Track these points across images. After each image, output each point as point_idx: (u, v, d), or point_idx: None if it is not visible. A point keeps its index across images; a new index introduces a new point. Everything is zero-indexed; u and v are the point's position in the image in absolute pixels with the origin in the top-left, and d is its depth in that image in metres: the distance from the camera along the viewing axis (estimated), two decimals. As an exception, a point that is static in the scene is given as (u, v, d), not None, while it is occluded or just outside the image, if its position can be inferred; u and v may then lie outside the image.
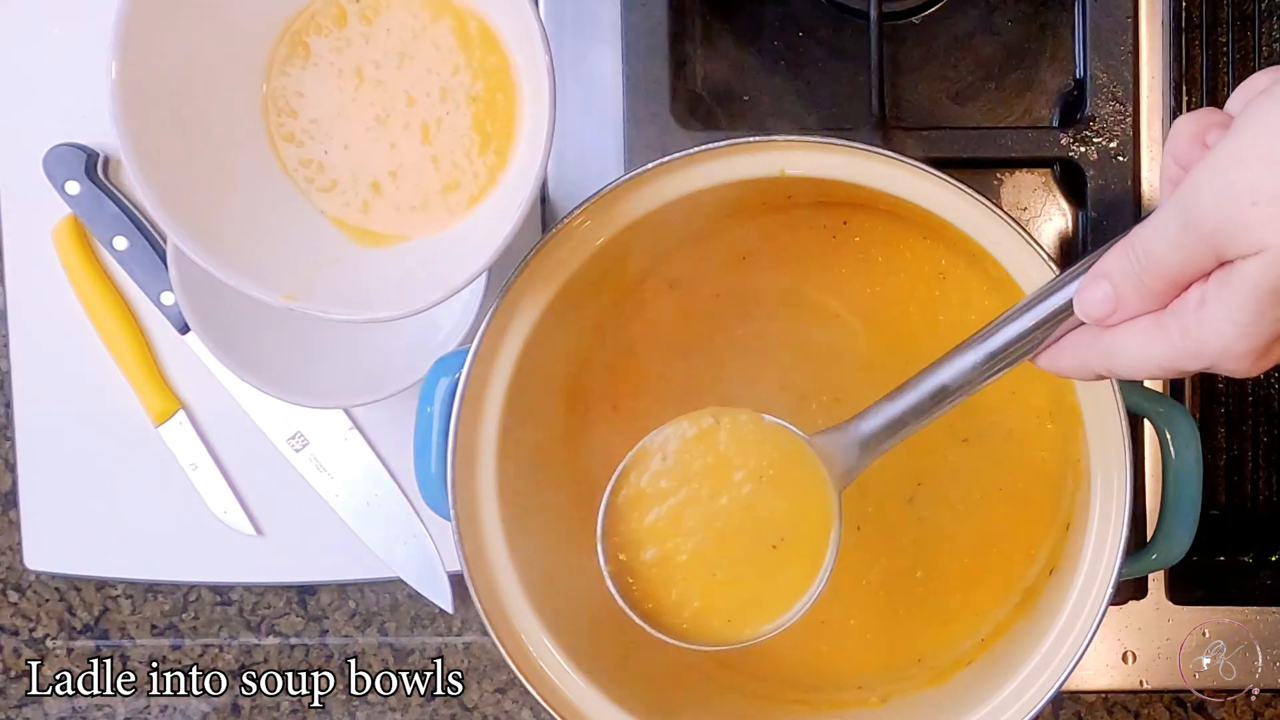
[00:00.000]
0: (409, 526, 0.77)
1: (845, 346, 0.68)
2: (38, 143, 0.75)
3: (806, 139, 0.58)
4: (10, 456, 0.79)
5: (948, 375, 0.53)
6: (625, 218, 0.60)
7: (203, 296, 0.70)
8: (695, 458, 0.57)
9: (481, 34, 0.61)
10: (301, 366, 0.72)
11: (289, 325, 0.70)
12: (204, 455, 0.77)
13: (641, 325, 0.68)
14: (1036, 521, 0.66)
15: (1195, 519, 0.60)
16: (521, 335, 0.61)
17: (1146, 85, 0.70)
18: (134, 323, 0.77)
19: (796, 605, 0.56)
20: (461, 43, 0.61)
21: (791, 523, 0.57)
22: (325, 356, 0.73)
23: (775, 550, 0.57)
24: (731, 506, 0.57)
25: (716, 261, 0.68)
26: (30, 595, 0.81)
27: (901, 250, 0.67)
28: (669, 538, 0.57)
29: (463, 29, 0.61)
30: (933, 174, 0.57)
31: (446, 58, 0.61)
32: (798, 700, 0.66)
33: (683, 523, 0.57)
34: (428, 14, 0.61)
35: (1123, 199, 0.69)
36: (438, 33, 0.61)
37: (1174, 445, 0.59)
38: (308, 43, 0.61)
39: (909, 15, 0.73)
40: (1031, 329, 0.51)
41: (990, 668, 0.63)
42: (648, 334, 0.68)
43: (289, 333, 0.72)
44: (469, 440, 0.61)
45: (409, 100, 0.62)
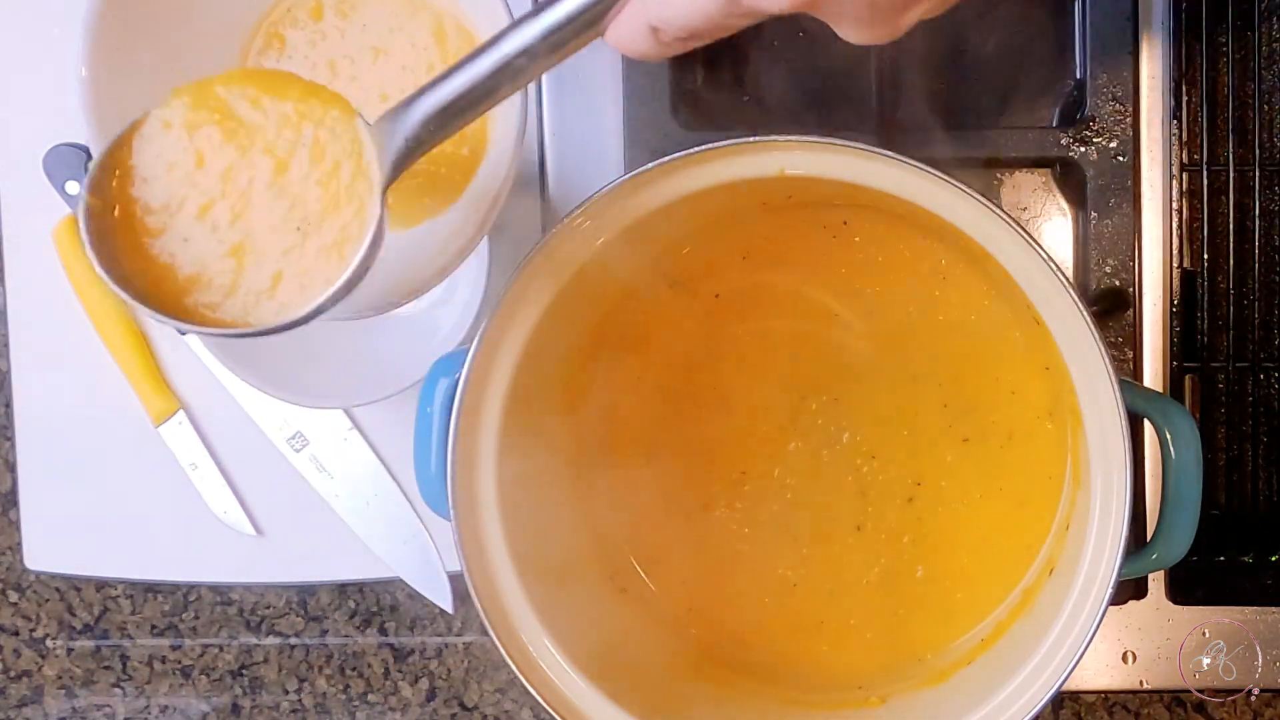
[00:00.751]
0: (409, 526, 0.77)
1: (846, 346, 0.68)
2: (38, 143, 0.75)
3: (806, 139, 0.58)
4: (10, 456, 0.79)
5: (509, 46, 0.48)
6: (625, 218, 0.60)
7: None
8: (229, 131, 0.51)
9: (459, 33, 0.61)
10: (301, 366, 0.72)
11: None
12: (204, 455, 0.77)
13: (641, 325, 0.68)
14: (1036, 521, 0.66)
15: (1195, 519, 0.60)
16: (521, 335, 0.61)
17: (1146, 85, 0.70)
18: (134, 323, 0.77)
19: (310, 301, 0.50)
20: (438, 40, 0.61)
21: (323, 210, 0.51)
22: (325, 356, 0.72)
23: (299, 232, 0.51)
24: (258, 176, 0.51)
25: (717, 261, 0.68)
26: (30, 595, 0.81)
27: (901, 250, 0.67)
28: (183, 187, 0.51)
29: (439, 27, 0.61)
30: (933, 174, 0.57)
31: (421, 56, 0.61)
32: (797, 700, 0.66)
33: (202, 178, 0.51)
34: (405, 11, 0.61)
35: (1123, 199, 0.69)
36: (414, 29, 0.61)
37: (1174, 445, 0.59)
38: (283, 35, 0.61)
39: (909, 15, 0.73)
40: None
41: (990, 668, 0.63)
42: (648, 334, 0.68)
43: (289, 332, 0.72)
44: (469, 440, 0.61)
45: (382, 97, 0.61)
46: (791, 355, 0.68)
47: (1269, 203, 0.72)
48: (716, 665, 0.68)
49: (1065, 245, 0.72)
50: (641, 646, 0.67)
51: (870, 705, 0.65)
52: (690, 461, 0.69)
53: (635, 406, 0.69)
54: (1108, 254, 0.69)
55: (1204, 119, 0.71)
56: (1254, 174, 0.71)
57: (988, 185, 0.72)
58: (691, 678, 0.67)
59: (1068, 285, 0.56)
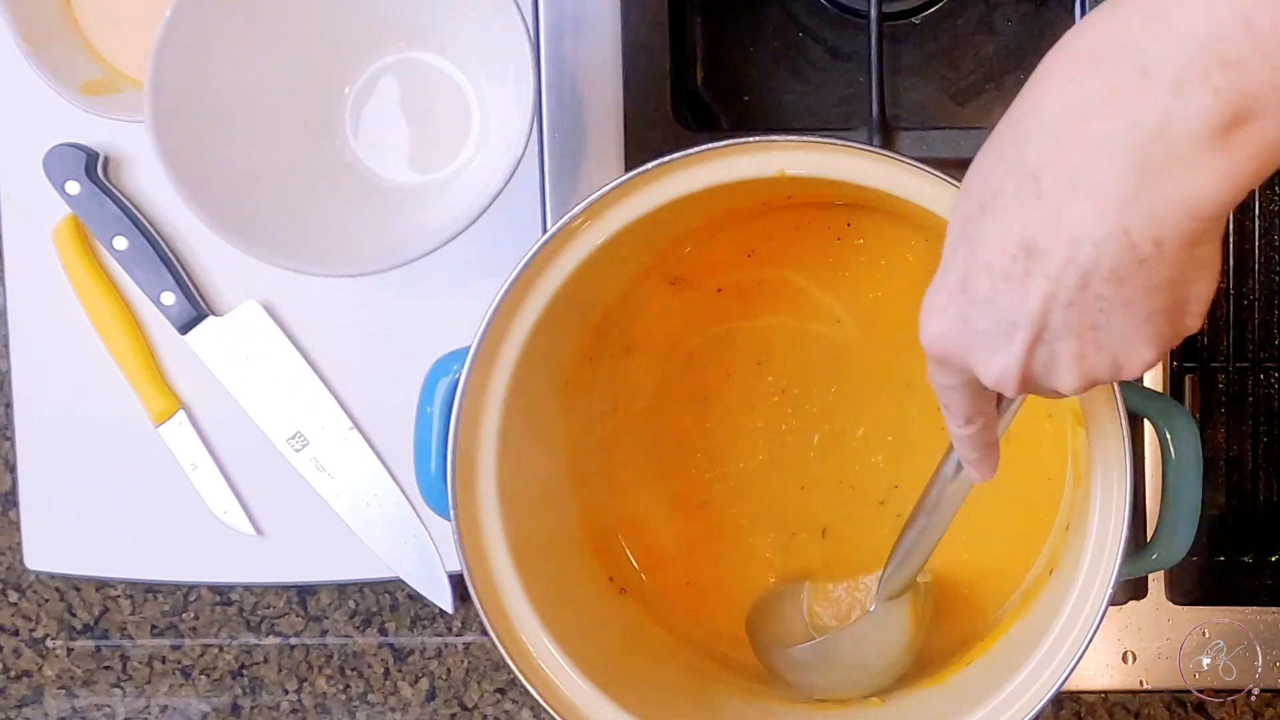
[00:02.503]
0: (409, 526, 0.77)
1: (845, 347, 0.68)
2: (38, 143, 0.75)
3: (806, 139, 0.58)
4: (10, 456, 0.79)
5: None
6: (625, 218, 0.60)
7: (192, 167, 0.68)
8: None
9: None
10: (303, 232, 0.71)
11: (287, 188, 0.71)
12: (204, 455, 0.77)
13: (641, 326, 0.68)
14: (1036, 521, 0.66)
15: (1195, 519, 0.60)
16: (522, 335, 0.61)
17: (1146, 85, 0.70)
18: (134, 323, 0.77)
19: None
20: None
21: None
22: (332, 225, 0.72)
23: None
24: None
25: (717, 261, 0.68)
26: (30, 595, 0.81)
27: (904, 254, 0.67)
28: None
29: None
30: (933, 174, 0.57)
31: None
32: (798, 700, 0.66)
33: None
34: None
35: (1123, 199, 0.69)
36: None
37: (1174, 445, 0.59)
38: None
39: (909, 15, 0.73)
40: None
41: (990, 668, 0.63)
42: (648, 334, 0.68)
43: (286, 196, 0.71)
44: (469, 440, 0.61)
45: None
46: (792, 356, 0.68)
47: (1269, 203, 0.72)
48: (716, 665, 0.68)
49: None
50: (641, 646, 0.67)
51: (870, 705, 0.65)
52: (690, 461, 0.69)
53: (635, 406, 0.69)
54: (1108, 254, 0.69)
55: (1204, 119, 0.70)
56: (1254, 174, 0.70)
57: (988, 185, 0.72)
58: (691, 677, 0.67)
59: (1068, 285, 0.56)
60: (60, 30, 0.74)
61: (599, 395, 0.69)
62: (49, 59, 0.72)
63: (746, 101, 0.74)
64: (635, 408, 0.69)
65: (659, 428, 0.69)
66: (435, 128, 0.74)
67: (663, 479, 0.69)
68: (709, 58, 0.74)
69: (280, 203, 0.71)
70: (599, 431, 0.69)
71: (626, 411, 0.69)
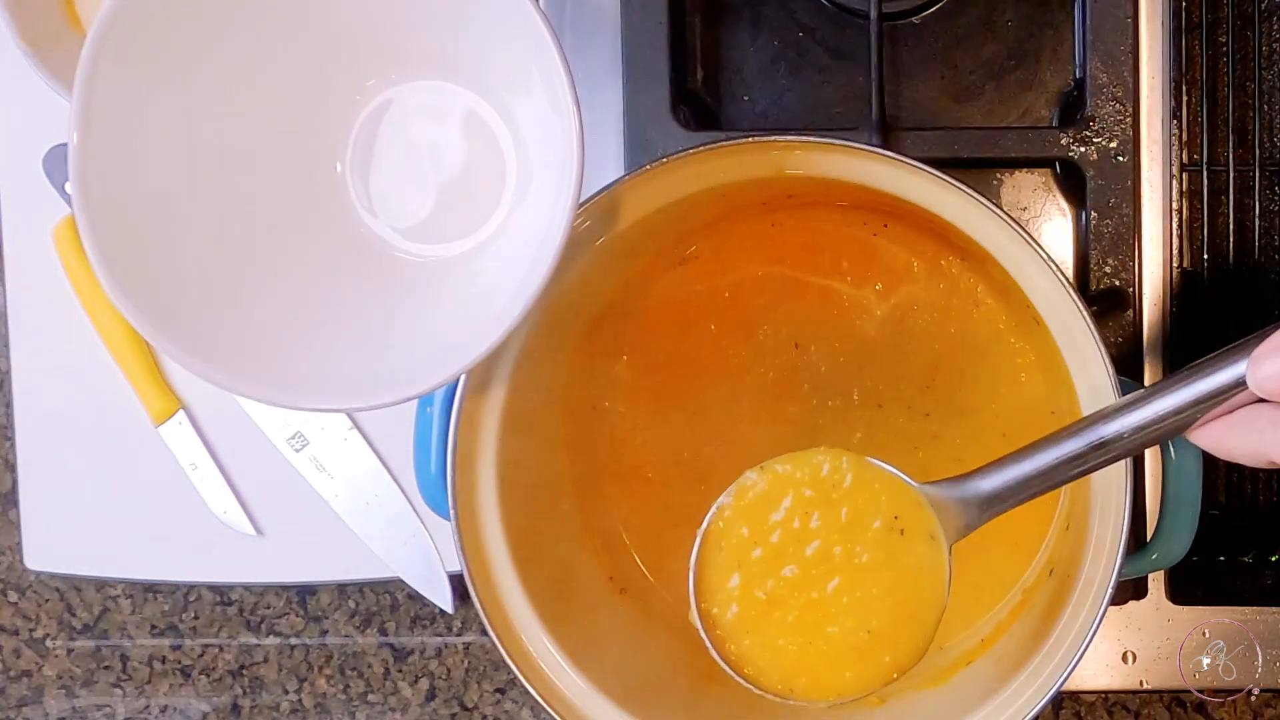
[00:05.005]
0: (409, 526, 0.77)
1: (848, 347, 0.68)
2: (38, 143, 0.75)
3: (806, 139, 0.58)
4: (10, 456, 0.79)
5: (1077, 445, 0.51)
6: (625, 218, 0.60)
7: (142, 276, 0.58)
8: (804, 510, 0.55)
9: None
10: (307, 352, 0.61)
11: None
12: (204, 455, 0.77)
13: (642, 325, 0.68)
14: (1036, 521, 0.66)
15: (1195, 519, 0.60)
16: (521, 335, 0.61)
17: (1146, 85, 0.70)
18: (134, 323, 0.77)
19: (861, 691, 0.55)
20: None
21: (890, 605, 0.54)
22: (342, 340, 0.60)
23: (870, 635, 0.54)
24: (834, 575, 0.54)
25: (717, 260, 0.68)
26: (30, 595, 0.81)
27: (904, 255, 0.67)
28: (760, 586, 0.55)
29: None
30: (932, 173, 0.57)
31: None
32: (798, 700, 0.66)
33: (779, 580, 0.55)
34: None
35: (1123, 199, 0.69)
36: None
37: (1174, 445, 0.59)
38: None
39: (909, 15, 0.73)
40: (1184, 407, 0.48)
41: (990, 668, 0.63)
42: (649, 334, 0.68)
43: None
44: (469, 440, 0.61)
45: None
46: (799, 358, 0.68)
47: (1269, 203, 0.72)
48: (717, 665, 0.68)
49: (1065, 245, 0.72)
50: (642, 646, 0.67)
51: (870, 705, 0.65)
52: (691, 462, 0.69)
53: (635, 406, 0.69)
54: (1107, 254, 0.69)
55: (1204, 119, 0.71)
56: (1254, 174, 0.71)
57: (988, 185, 0.72)
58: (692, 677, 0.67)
59: (1067, 285, 0.56)
60: (60, 30, 0.74)
61: (599, 394, 0.69)
62: (49, 59, 0.72)
63: (746, 101, 0.74)
64: (636, 408, 0.69)
65: (659, 428, 0.69)
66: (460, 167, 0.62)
67: (664, 480, 0.69)
68: (709, 58, 0.74)
69: (278, 311, 0.60)
70: (599, 431, 0.69)
71: (626, 410, 0.69)
